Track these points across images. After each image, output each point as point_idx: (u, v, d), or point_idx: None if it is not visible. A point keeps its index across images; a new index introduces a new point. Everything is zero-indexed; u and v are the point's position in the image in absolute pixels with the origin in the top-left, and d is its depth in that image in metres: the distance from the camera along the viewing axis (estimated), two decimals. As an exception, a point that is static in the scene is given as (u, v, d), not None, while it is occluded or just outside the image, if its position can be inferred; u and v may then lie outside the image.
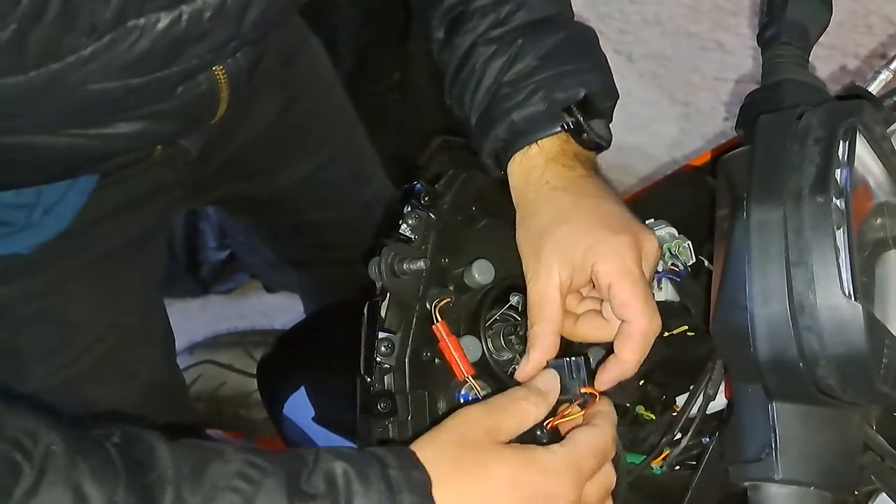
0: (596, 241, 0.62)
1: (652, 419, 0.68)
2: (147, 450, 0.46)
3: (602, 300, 0.64)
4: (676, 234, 0.70)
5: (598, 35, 0.74)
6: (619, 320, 0.62)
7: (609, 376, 0.61)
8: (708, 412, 0.62)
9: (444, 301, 0.63)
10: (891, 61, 0.71)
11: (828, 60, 1.21)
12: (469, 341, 0.64)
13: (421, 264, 0.62)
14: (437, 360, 0.63)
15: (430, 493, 0.49)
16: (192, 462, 0.46)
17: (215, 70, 0.71)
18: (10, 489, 0.41)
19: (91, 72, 0.55)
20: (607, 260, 0.61)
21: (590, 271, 0.62)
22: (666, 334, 0.66)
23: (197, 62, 0.62)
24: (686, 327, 0.67)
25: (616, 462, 0.58)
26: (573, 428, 0.58)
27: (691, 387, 0.63)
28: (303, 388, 0.92)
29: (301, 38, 1.02)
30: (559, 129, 0.68)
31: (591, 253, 0.62)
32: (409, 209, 0.65)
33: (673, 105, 1.40)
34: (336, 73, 1.17)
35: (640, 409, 0.68)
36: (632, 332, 0.60)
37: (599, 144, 0.69)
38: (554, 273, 0.62)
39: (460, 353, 0.62)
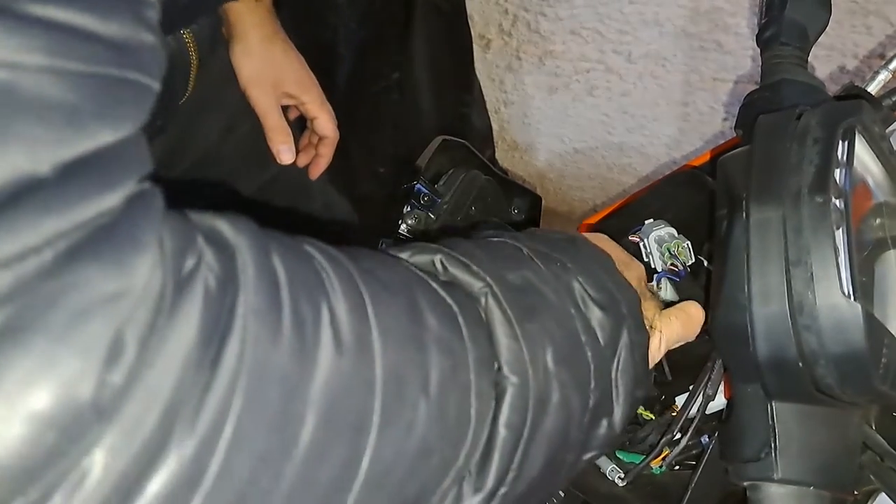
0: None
1: (651, 419, 0.68)
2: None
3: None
4: (676, 234, 0.70)
5: (598, 35, 0.74)
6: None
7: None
8: (707, 412, 0.62)
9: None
10: (889, 61, 0.71)
11: (826, 61, 1.21)
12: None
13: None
14: None
15: None
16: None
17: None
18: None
19: None
20: None
21: None
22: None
23: None
24: (685, 327, 0.67)
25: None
26: None
27: (690, 386, 0.63)
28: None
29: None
30: None
31: None
32: (409, 209, 0.65)
33: (672, 105, 1.41)
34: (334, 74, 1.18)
35: (640, 409, 0.68)
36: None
37: None
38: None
39: None
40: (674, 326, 0.57)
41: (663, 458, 0.63)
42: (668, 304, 0.59)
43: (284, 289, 0.33)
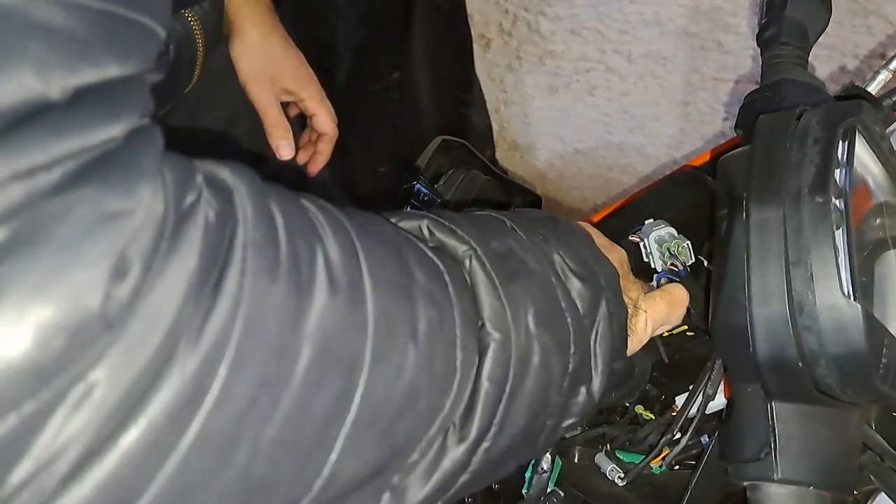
0: None
1: (651, 419, 0.68)
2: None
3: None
4: (676, 234, 0.70)
5: (598, 35, 0.75)
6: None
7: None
8: (707, 412, 0.62)
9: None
10: (890, 61, 0.71)
11: (827, 60, 1.21)
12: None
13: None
14: None
15: None
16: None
17: (187, 14, 0.74)
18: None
19: None
20: None
21: None
22: (665, 334, 0.66)
23: None
24: (685, 327, 0.67)
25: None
26: None
27: (690, 386, 0.63)
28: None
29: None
30: None
31: None
32: (409, 209, 0.65)
33: (672, 105, 1.41)
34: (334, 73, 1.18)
35: (639, 409, 0.68)
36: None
37: None
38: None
39: None
40: (659, 307, 0.58)
41: (663, 458, 0.63)
42: None
43: (281, 229, 0.34)
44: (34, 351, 0.26)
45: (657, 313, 0.58)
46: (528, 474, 0.67)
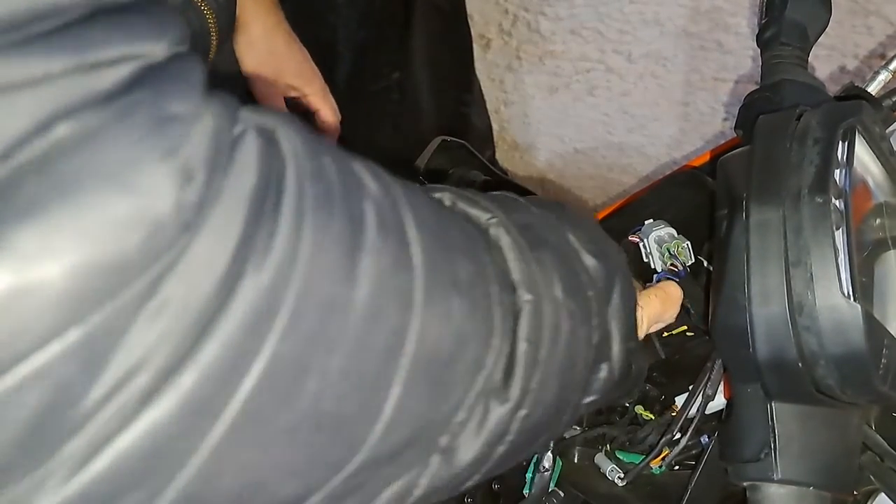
0: None
1: (651, 419, 0.68)
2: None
3: None
4: (676, 235, 0.70)
5: (598, 35, 0.75)
6: None
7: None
8: (707, 412, 0.62)
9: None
10: (890, 62, 0.71)
11: (827, 61, 1.21)
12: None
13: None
14: None
15: None
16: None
17: (202, 6, 0.74)
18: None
19: None
20: None
21: None
22: (665, 334, 0.67)
23: None
24: (685, 327, 0.67)
25: None
26: None
27: (690, 387, 0.63)
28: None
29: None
30: None
31: None
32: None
33: (672, 105, 1.40)
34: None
35: (639, 409, 0.68)
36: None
37: None
38: None
39: None
40: (654, 304, 0.58)
41: (663, 459, 0.63)
42: None
43: (329, 164, 0.35)
44: (113, 246, 0.25)
45: (652, 310, 0.58)
46: (528, 475, 0.67)
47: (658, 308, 0.59)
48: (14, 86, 0.24)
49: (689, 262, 0.69)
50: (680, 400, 0.64)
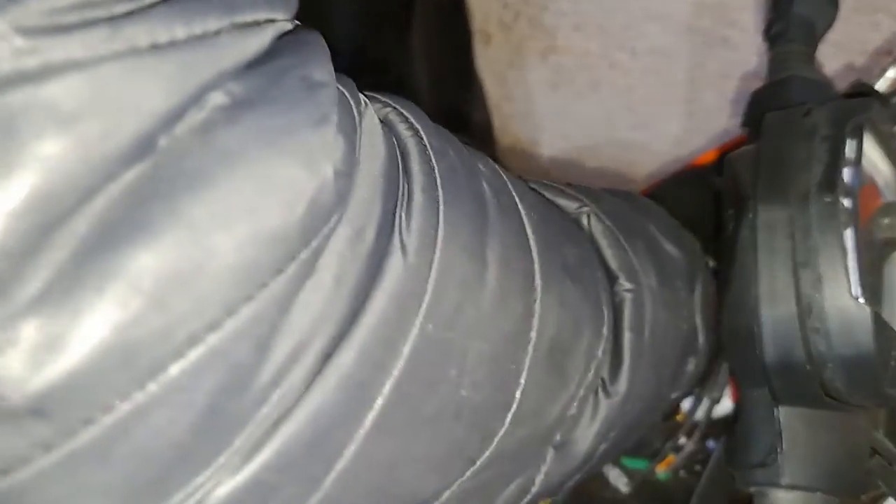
0: None
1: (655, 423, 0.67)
2: None
3: None
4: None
5: (601, 31, 0.74)
6: None
7: None
8: (714, 417, 0.61)
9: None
10: (898, 58, 0.70)
11: (833, 57, 1.20)
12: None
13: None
14: None
15: None
16: None
17: None
18: None
19: None
20: None
21: None
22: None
23: None
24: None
25: None
26: None
27: (696, 390, 0.62)
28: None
29: None
30: None
31: None
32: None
33: (677, 102, 1.40)
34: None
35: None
36: None
37: None
38: None
39: None
40: None
41: (668, 464, 0.62)
42: None
43: (449, 141, 0.34)
44: (280, 216, 0.24)
45: None
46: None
47: None
48: (173, 45, 0.22)
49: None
50: (685, 404, 0.64)
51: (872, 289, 0.51)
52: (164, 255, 0.22)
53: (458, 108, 1.66)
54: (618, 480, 0.64)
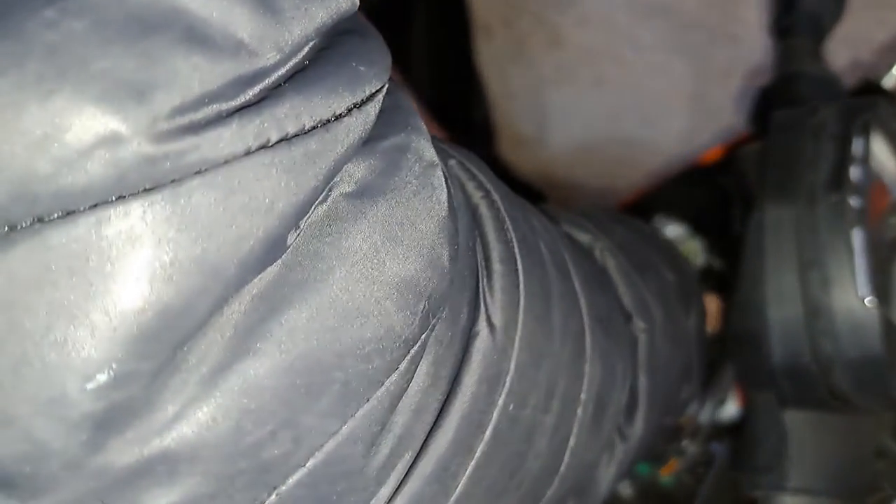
0: None
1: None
2: None
3: None
4: (687, 233, 0.69)
5: (606, 25, 0.74)
6: None
7: None
8: (718, 420, 0.61)
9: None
10: (906, 55, 0.70)
11: (839, 53, 1.20)
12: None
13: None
14: None
15: None
16: None
17: None
18: None
19: None
20: None
21: None
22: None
23: None
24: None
25: None
26: None
27: (700, 393, 0.62)
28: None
29: None
30: None
31: None
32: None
33: (683, 98, 1.39)
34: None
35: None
36: None
37: None
38: None
39: None
40: None
41: (672, 468, 0.62)
42: None
43: (515, 203, 0.33)
44: (404, 320, 0.23)
45: None
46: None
47: None
48: (300, 134, 0.20)
49: (700, 262, 0.68)
50: (690, 407, 0.63)
51: (881, 289, 0.50)
52: (283, 367, 0.21)
53: (458, 105, 1.65)
54: (621, 484, 0.63)
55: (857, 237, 0.49)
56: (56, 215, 0.17)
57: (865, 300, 0.48)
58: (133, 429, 0.19)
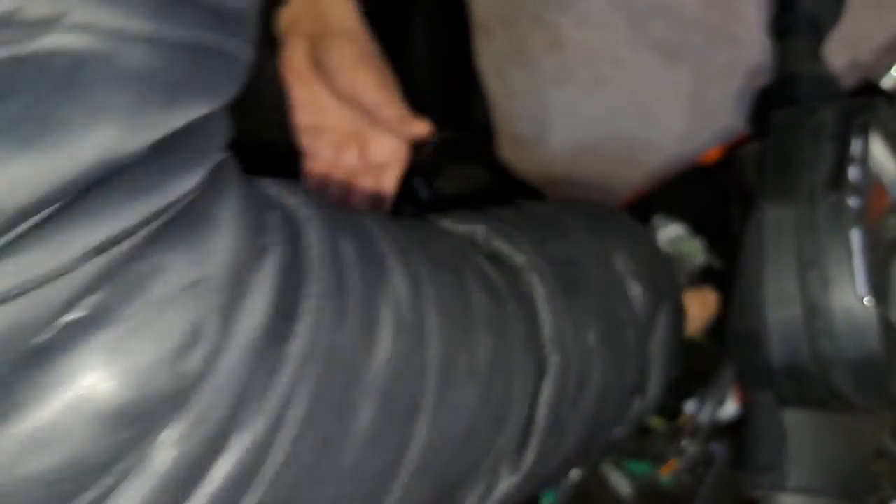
0: None
1: (660, 426, 0.67)
2: None
3: None
4: (687, 233, 0.69)
5: (606, 26, 0.74)
6: None
7: None
8: (718, 420, 0.61)
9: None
10: (905, 55, 0.70)
11: (839, 53, 1.20)
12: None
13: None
14: None
15: None
16: None
17: None
18: None
19: None
20: None
21: None
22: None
23: None
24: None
25: None
26: None
27: (699, 393, 0.62)
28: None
29: None
30: None
31: None
32: (409, 206, 0.65)
33: (683, 98, 1.39)
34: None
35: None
36: None
37: None
38: None
39: None
40: (691, 311, 0.56)
41: (671, 467, 0.62)
42: None
43: (350, 268, 0.32)
44: (96, 441, 0.24)
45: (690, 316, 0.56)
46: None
47: (695, 315, 0.56)
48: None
49: (700, 262, 0.68)
50: (689, 406, 0.64)
51: (880, 289, 0.51)
52: None
53: (458, 106, 1.65)
54: (620, 484, 0.63)
55: (856, 237, 0.49)
56: None
57: (864, 300, 0.48)
58: None
